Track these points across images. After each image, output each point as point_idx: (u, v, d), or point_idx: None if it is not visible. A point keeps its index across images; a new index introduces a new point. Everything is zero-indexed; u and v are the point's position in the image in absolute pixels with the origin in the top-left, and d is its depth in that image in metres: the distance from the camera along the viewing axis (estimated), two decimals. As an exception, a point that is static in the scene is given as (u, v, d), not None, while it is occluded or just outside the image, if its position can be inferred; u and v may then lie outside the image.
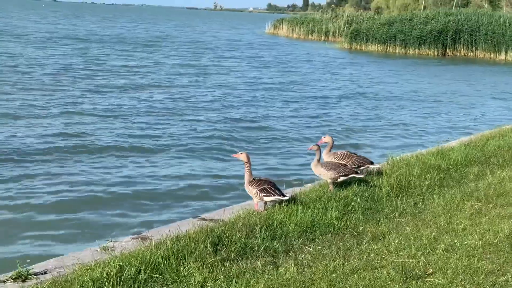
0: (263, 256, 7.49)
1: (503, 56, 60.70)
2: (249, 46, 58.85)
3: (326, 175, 10.22)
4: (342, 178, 10.20)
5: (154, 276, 6.80)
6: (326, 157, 11.05)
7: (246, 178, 9.52)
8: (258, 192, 9.18)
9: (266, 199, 9.20)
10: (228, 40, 65.02)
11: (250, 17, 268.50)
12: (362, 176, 10.43)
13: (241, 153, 9.65)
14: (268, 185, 9.20)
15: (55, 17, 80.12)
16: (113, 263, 6.84)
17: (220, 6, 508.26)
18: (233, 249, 7.52)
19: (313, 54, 55.51)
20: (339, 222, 8.67)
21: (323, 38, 77.88)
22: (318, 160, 10.38)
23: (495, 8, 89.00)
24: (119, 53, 47.39)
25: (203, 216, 9.75)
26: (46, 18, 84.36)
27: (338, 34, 74.85)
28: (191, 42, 61.47)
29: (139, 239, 8.48)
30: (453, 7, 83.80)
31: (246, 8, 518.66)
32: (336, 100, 29.77)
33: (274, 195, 9.14)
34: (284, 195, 9.20)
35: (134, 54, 46.93)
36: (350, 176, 10.21)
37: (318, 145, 10.47)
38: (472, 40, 62.39)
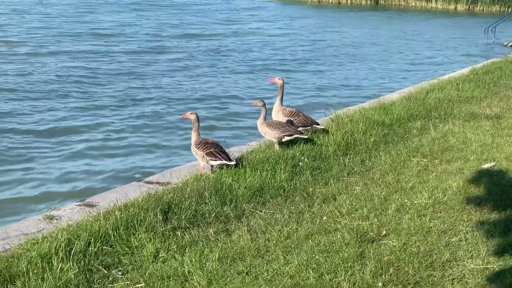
0: (214, 223, 7.36)
1: (433, 4, 61.30)
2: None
3: (270, 134, 10.12)
4: (286, 138, 10.11)
5: (105, 249, 6.61)
6: (276, 109, 10.95)
7: (193, 139, 9.31)
8: (205, 155, 9.00)
9: (213, 163, 9.03)
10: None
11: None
12: (306, 136, 10.35)
13: (191, 113, 9.40)
14: (215, 149, 9.02)
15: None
16: (61, 237, 6.61)
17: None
18: (183, 217, 7.36)
19: (243, 6, 54.94)
20: (289, 184, 8.57)
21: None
22: (264, 118, 10.26)
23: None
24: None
25: (148, 179, 9.57)
26: None
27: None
28: None
29: (84, 206, 8.24)
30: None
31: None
32: (274, 55, 29.56)
33: (221, 160, 8.97)
34: (231, 160, 9.04)
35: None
36: (294, 136, 10.12)
37: (263, 101, 10.33)
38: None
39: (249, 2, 60.59)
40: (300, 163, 9.38)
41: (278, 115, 10.83)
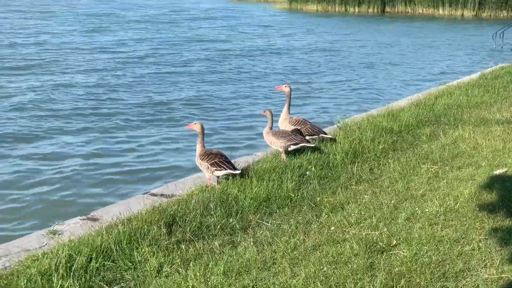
0: (220, 235, 7.16)
1: (440, 11, 61.07)
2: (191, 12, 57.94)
3: (276, 144, 9.94)
4: (293, 147, 9.92)
5: (107, 264, 6.42)
6: (283, 118, 10.79)
7: (198, 151, 9.13)
8: (209, 166, 8.81)
9: (218, 173, 8.84)
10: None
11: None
12: (313, 145, 10.15)
13: (195, 123, 9.22)
14: (219, 159, 8.84)
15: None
16: (62, 253, 6.43)
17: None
18: (188, 229, 7.17)
19: (251, 15, 54.96)
20: (296, 194, 8.37)
21: (263, -2, 77.31)
22: (270, 127, 10.10)
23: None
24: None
25: (153, 191, 9.37)
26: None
27: (278, -6, 74.17)
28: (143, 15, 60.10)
29: (88, 220, 8.08)
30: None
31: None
32: (281, 60, 29.40)
33: (226, 169, 8.78)
34: (236, 169, 8.86)
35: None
36: (300, 145, 9.94)
37: (270, 111, 10.18)
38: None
39: (260, 10, 60.70)
40: (308, 172, 9.19)
41: (284, 124, 10.66)
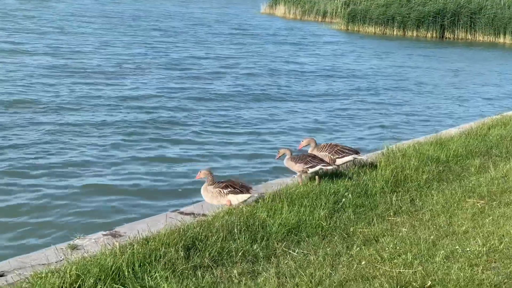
0: (241, 263, 6.67)
1: (502, 39, 59.73)
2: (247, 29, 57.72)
3: (294, 167, 9.52)
4: (311, 170, 9.42)
5: (115, 287, 5.98)
6: (311, 149, 10.35)
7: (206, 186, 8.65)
8: (221, 189, 8.32)
9: (233, 198, 8.35)
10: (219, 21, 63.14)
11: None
12: (330, 167, 9.60)
13: (200, 171, 8.76)
14: (230, 183, 8.42)
15: None
16: (69, 272, 6.01)
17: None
18: (207, 254, 6.72)
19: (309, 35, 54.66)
20: (328, 222, 7.84)
21: (320, 19, 76.86)
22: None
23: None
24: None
25: (182, 209, 8.99)
26: None
27: (336, 15, 73.62)
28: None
29: (110, 236, 7.74)
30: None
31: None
32: (329, 84, 28.81)
33: (242, 193, 8.32)
34: (249, 192, 8.39)
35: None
36: (318, 166, 9.42)
37: (287, 148, 9.85)
38: (471, 23, 61.39)
39: (317, 30, 60.32)
40: (343, 199, 8.64)
41: (314, 151, 10.17)
